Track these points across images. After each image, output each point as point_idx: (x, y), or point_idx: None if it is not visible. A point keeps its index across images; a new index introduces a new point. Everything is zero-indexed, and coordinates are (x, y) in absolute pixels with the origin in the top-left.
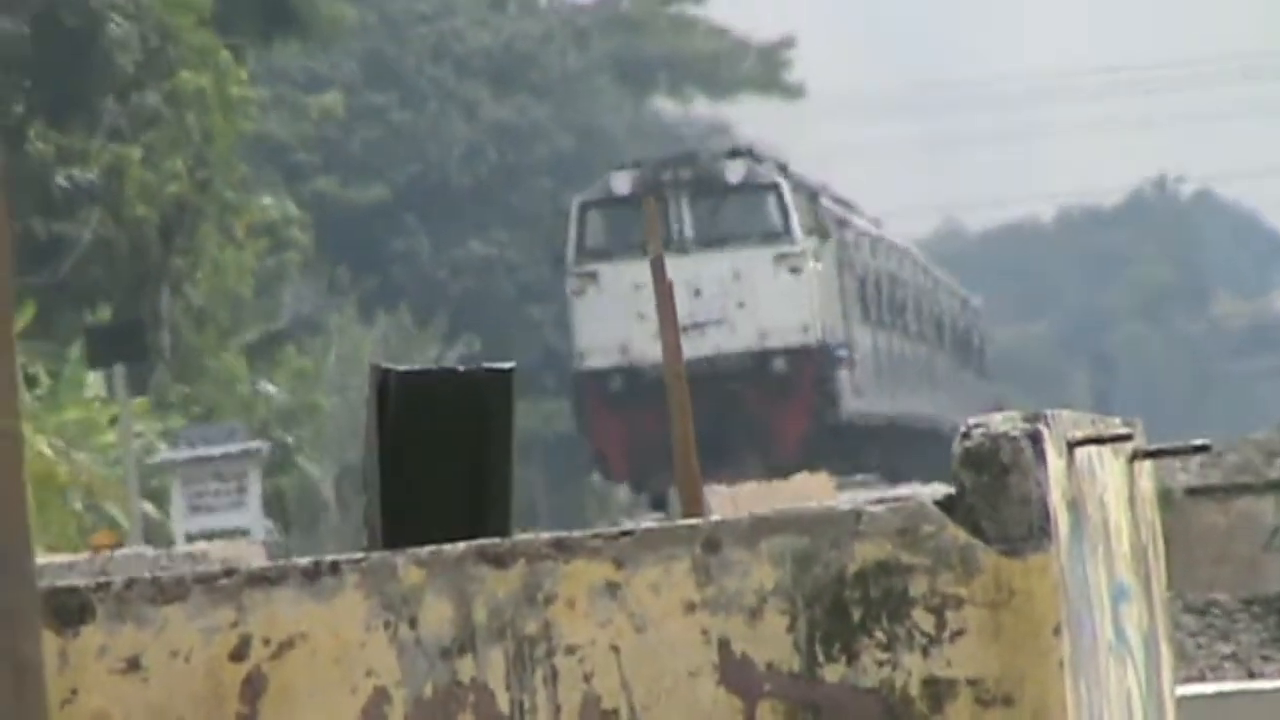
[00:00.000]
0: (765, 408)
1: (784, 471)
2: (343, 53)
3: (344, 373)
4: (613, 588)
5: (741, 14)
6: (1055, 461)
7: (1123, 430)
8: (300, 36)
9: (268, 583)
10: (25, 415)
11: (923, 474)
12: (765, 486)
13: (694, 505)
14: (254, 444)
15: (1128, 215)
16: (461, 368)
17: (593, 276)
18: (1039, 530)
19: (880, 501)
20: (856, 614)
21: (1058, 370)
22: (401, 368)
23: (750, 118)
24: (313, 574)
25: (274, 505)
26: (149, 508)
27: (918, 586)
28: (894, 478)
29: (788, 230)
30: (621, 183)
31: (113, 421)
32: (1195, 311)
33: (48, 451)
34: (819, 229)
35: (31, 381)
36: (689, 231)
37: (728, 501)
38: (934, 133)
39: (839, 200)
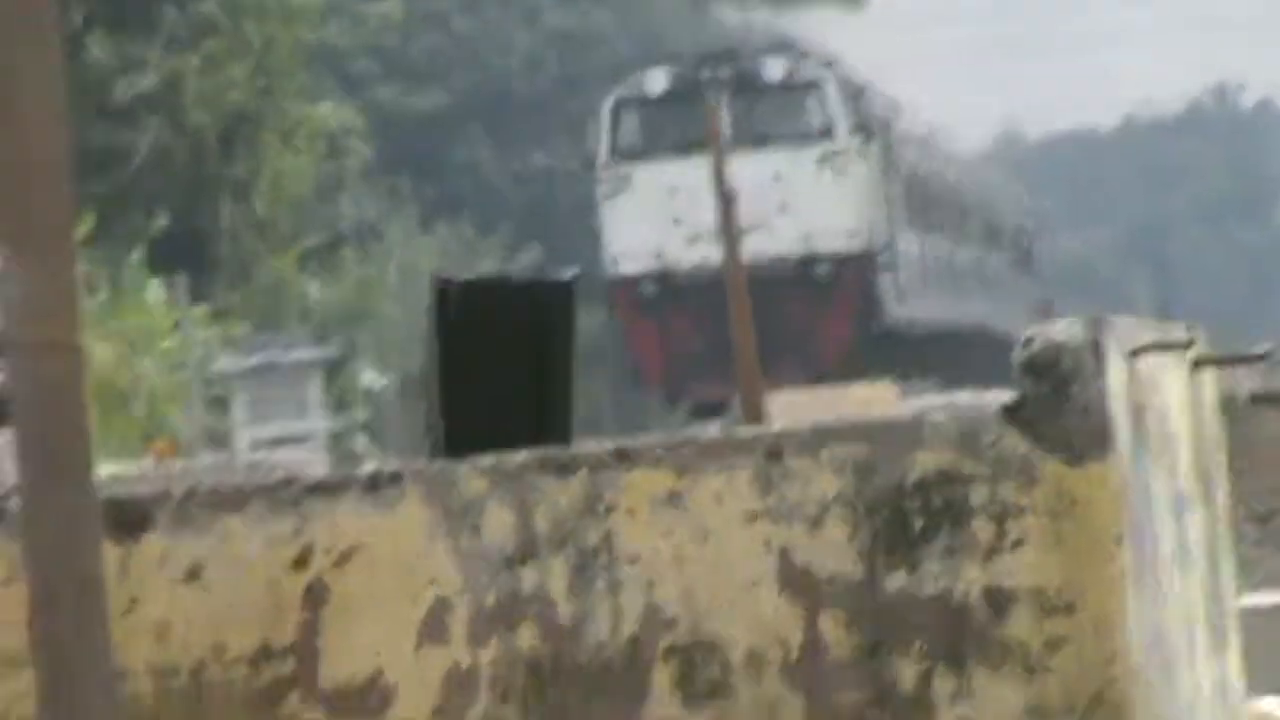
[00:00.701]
0: (807, 315)
1: (826, 379)
2: None
3: (405, 282)
4: (675, 497)
5: None
6: (1116, 369)
7: (1185, 337)
8: None
9: (328, 492)
10: (86, 322)
11: (972, 379)
12: (828, 392)
13: (756, 413)
14: (315, 351)
15: (1188, 124)
16: (522, 278)
17: (626, 179)
18: (1100, 439)
19: (941, 409)
20: (918, 523)
21: (1119, 278)
22: (462, 277)
23: (813, 25)
24: (374, 483)
25: (338, 412)
26: (211, 416)
27: (978, 495)
28: (944, 384)
29: (831, 130)
30: (657, 80)
31: (174, 328)
32: (1256, 220)
33: (109, 357)
34: (864, 128)
35: (92, 289)
36: (727, 131)
37: (789, 408)
38: (996, 40)
39: (885, 98)
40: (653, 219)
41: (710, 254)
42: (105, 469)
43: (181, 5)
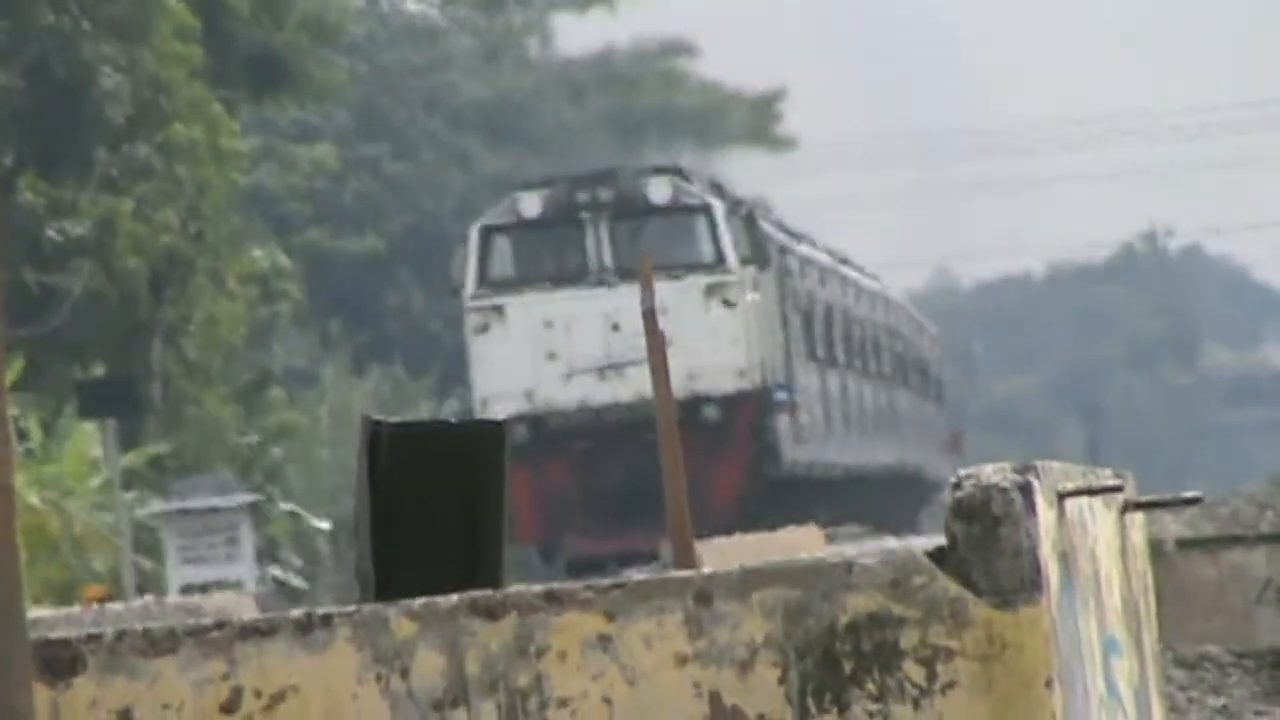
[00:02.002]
0: (694, 462)
1: (716, 532)
2: (335, 104)
3: (336, 425)
4: (604, 640)
5: (733, 67)
6: (1046, 513)
7: (1114, 482)
8: (292, 92)
9: (259, 635)
10: (17, 467)
11: (883, 523)
12: (755, 539)
13: (686, 557)
14: (246, 496)
15: (1118, 269)
16: (453, 420)
17: (496, 311)
18: (1030, 582)
19: (870, 553)
20: (848, 666)
21: (1049, 422)
22: (393, 419)
23: (742, 170)
24: (305, 626)
25: (267, 557)
26: (142, 560)
27: (909, 638)
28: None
29: (720, 257)
30: (530, 204)
31: (104, 472)
32: (1185, 364)
33: (39, 504)
34: (757, 256)
35: (22, 434)
36: (607, 259)
37: (716, 553)
38: (927, 184)
39: (780, 224)
40: (525, 356)
41: (588, 393)
42: (36, 612)
43: (114, 147)
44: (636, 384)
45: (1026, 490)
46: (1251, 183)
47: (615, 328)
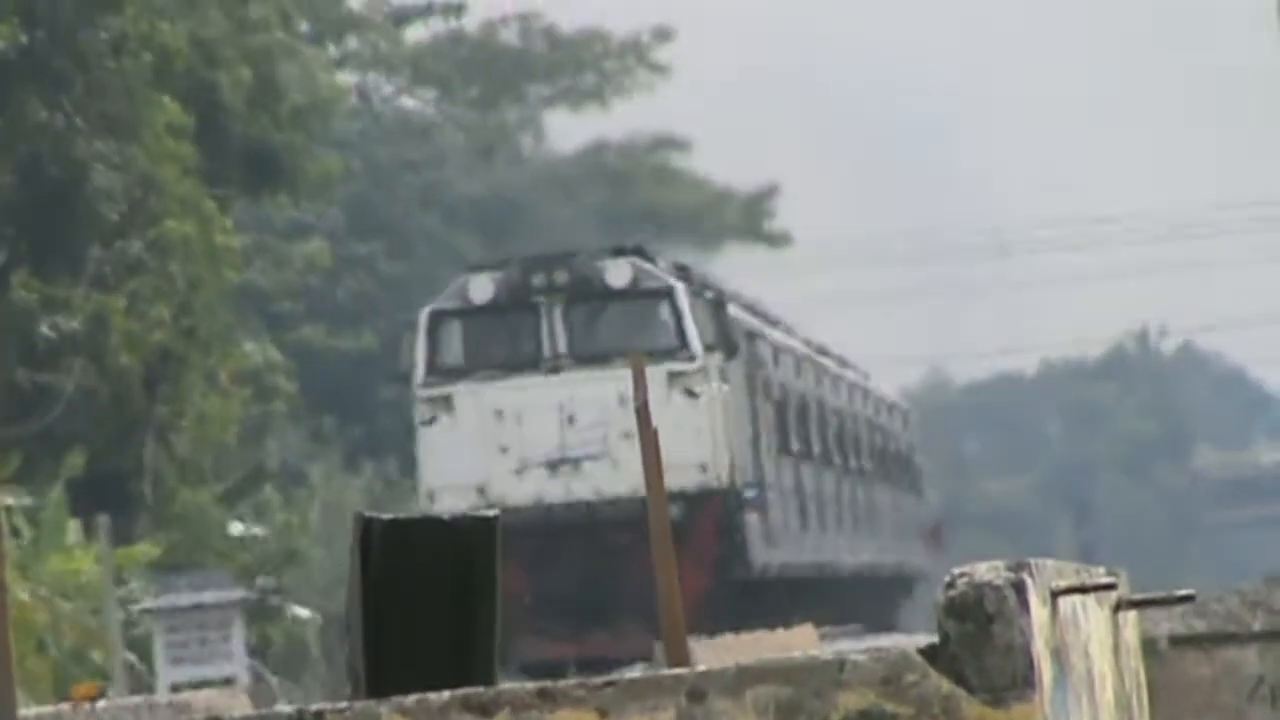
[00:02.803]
0: (653, 563)
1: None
2: (328, 200)
3: (328, 521)
4: None
5: (725, 163)
6: (1039, 611)
7: (1106, 580)
8: (286, 188)
9: None
10: (9, 565)
11: (865, 622)
12: (749, 638)
13: (679, 654)
14: (237, 592)
15: (1110, 368)
16: (445, 516)
17: (445, 401)
18: (1023, 680)
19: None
20: None
21: (1042, 520)
22: (385, 516)
23: (735, 267)
24: None
25: (259, 653)
26: (132, 657)
27: None
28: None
29: (684, 344)
30: (482, 288)
31: (95, 569)
32: (1177, 463)
33: (28, 600)
34: (724, 343)
35: (13, 530)
36: (562, 345)
37: (711, 651)
38: (920, 282)
39: (750, 308)
40: (475, 447)
41: (543, 488)
42: (25, 711)
43: (107, 244)
44: (593, 480)
45: (1020, 588)
46: (1242, 281)
47: (570, 420)
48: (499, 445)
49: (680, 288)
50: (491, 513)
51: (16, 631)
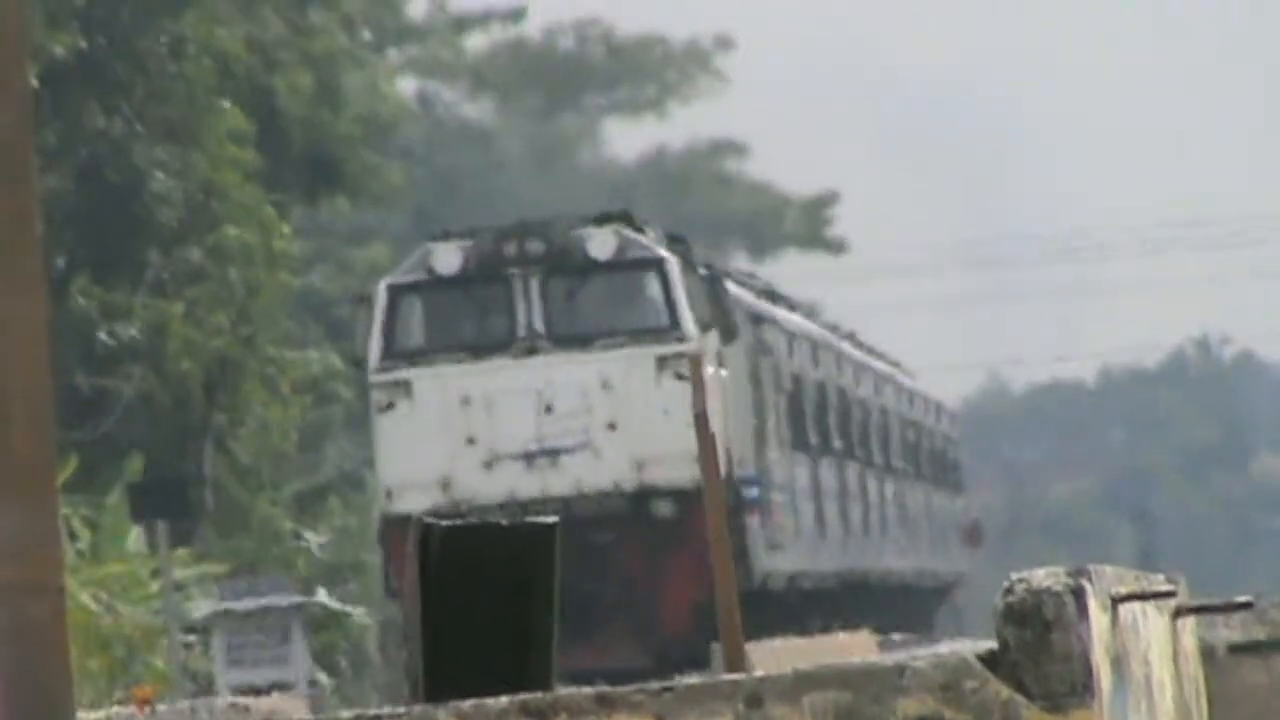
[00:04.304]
0: (642, 569)
1: (663, 653)
2: (390, 206)
3: None
4: None
5: (785, 170)
6: (1099, 617)
7: (1166, 587)
8: (347, 194)
9: None
10: (68, 569)
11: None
12: (807, 642)
13: (737, 660)
14: (296, 598)
15: (1170, 375)
16: (504, 522)
17: (405, 387)
18: (1082, 686)
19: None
20: None
21: (1101, 527)
22: (444, 521)
23: (793, 273)
24: None
25: (320, 659)
26: (191, 661)
27: None
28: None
29: (675, 322)
30: (447, 258)
31: (154, 575)
32: (1237, 470)
33: (91, 604)
34: (722, 323)
35: (73, 535)
36: (538, 323)
37: (768, 656)
38: (979, 289)
39: (754, 285)
40: (439, 439)
41: (515, 484)
42: (85, 714)
43: (166, 250)
44: (574, 474)
45: (1079, 594)
46: None
47: (548, 408)
48: (466, 436)
49: (672, 259)
50: (551, 519)
51: (76, 634)
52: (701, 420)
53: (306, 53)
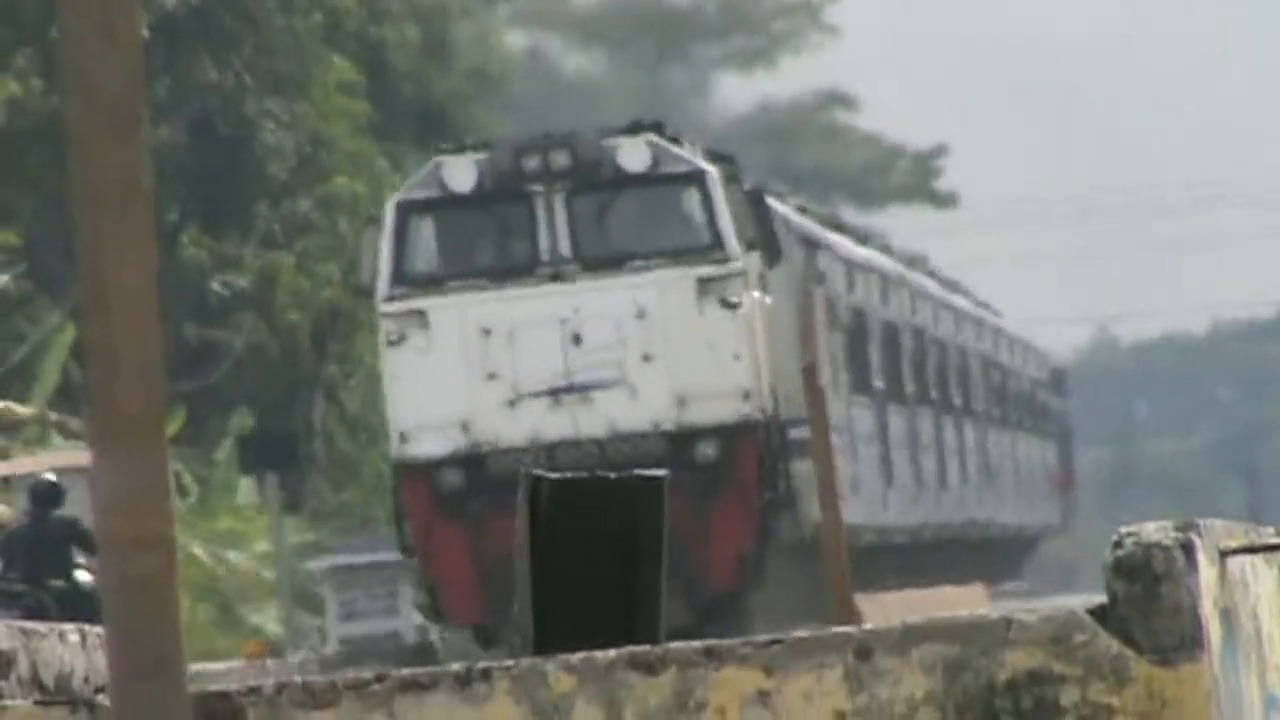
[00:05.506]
0: (685, 516)
1: (707, 610)
2: None
3: None
4: (764, 695)
5: (893, 123)
6: (1207, 571)
7: (1276, 540)
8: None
9: (420, 688)
10: (178, 521)
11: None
12: (917, 595)
13: (846, 611)
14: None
15: None
16: (613, 475)
17: (419, 316)
18: (1191, 640)
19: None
20: None
21: (1210, 482)
22: (553, 475)
23: (901, 226)
24: (464, 680)
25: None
26: (302, 614)
27: (1069, 696)
28: None
29: (718, 241)
30: (461, 173)
31: (264, 528)
32: None
33: (203, 556)
34: (768, 244)
35: (183, 489)
36: (564, 245)
37: (877, 609)
38: (1088, 242)
39: (814, 212)
40: (456, 375)
41: (542, 424)
42: (195, 665)
43: (276, 202)
44: (605, 412)
45: (1188, 548)
46: None
47: (576, 339)
48: (486, 371)
49: (713, 171)
50: (660, 472)
51: (186, 587)
52: (810, 373)
53: (415, 5)
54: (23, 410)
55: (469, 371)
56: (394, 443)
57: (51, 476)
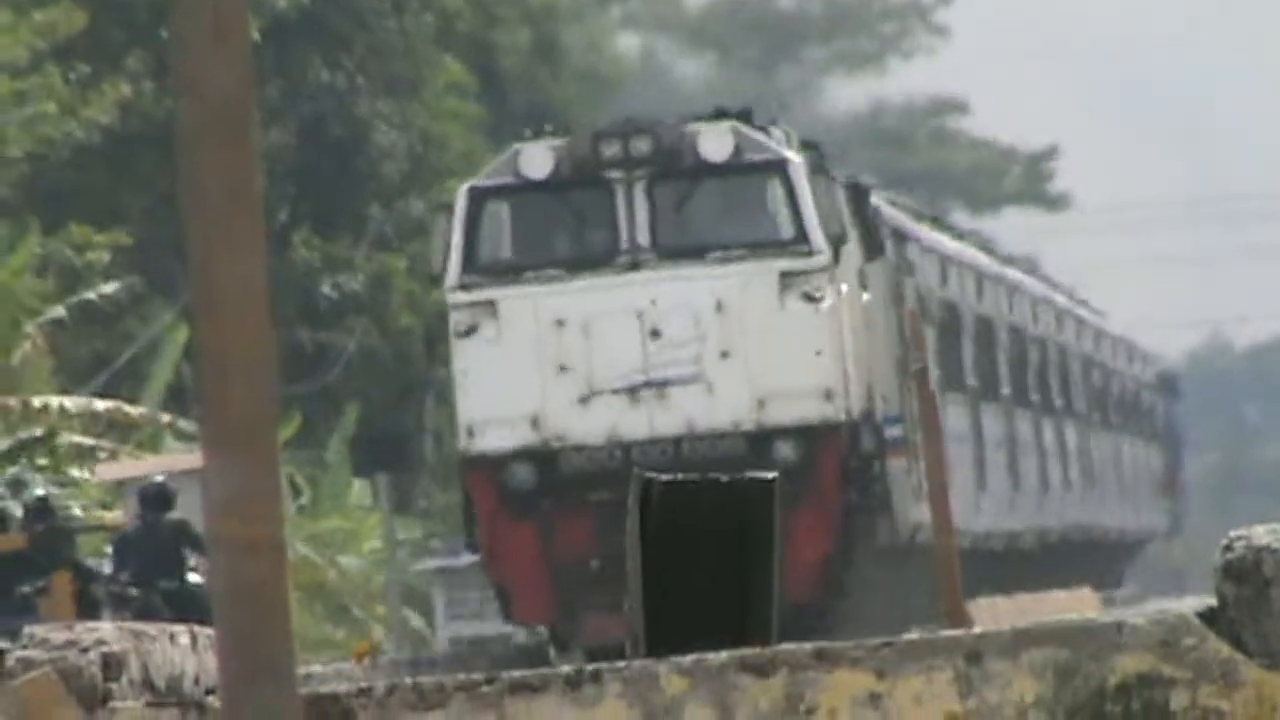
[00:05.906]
0: None
1: (785, 620)
2: None
3: None
4: (875, 698)
5: (1004, 126)
6: None
7: None
8: None
9: (530, 690)
10: (289, 523)
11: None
12: (1027, 599)
13: (957, 616)
14: None
15: None
16: (724, 477)
17: (489, 308)
18: None
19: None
20: None
21: None
22: (664, 476)
23: (1013, 229)
24: (575, 682)
25: None
26: (412, 615)
27: (1179, 699)
28: None
29: (802, 234)
30: (537, 160)
31: (374, 527)
32: None
33: (313, 557)
34: (866, 238)
35: (295, 490)
36: (643, 235)
37: (987, 613)
38: (1200, 246)
39: (906, 206)
40: (528, 368)
41: (617, 421)
42: (306, 666)
43: (388, 204)
44: (685, 409)
45: None
46: None
47: (654, 332)
48: (559, 364)
49: (797, 161)
50: (770, 475)
51: (297, 587)
52: (922, 376)
53: (527, 7)
54: (133, 411)
55: (540, 365)
56: (461, 437)
57: (161, 479)
